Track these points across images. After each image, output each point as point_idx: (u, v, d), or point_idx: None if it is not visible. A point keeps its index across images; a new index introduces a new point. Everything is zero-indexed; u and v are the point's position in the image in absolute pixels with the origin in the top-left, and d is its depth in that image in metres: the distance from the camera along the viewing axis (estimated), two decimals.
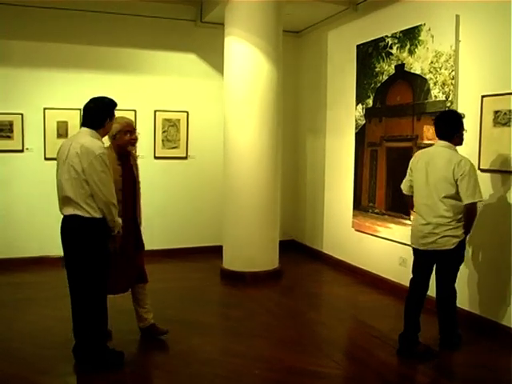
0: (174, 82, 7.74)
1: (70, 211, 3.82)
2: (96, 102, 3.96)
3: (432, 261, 4.38)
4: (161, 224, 7.53)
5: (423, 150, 4.57)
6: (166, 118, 7.72)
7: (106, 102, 3.98)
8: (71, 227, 3.85)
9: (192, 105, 7.87)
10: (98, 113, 3.93)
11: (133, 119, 7.46)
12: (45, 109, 7.11)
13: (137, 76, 7.57)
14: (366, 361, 4.35)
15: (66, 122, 7.22)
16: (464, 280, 5.02)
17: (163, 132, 7.72)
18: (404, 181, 4.68)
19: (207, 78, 7.81)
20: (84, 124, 3.94)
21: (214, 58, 7.47)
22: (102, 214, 3.83)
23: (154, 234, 6.85)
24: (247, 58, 6.43)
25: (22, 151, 7.10)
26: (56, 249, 6.99)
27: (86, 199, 3.77)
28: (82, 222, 3.80)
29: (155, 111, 7.67)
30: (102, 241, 3.92)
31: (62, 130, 7.19)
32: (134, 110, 7.49)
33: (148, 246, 6.81)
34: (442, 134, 4.35)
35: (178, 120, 7.76)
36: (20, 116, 7.02)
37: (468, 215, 4.21)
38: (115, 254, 4.11)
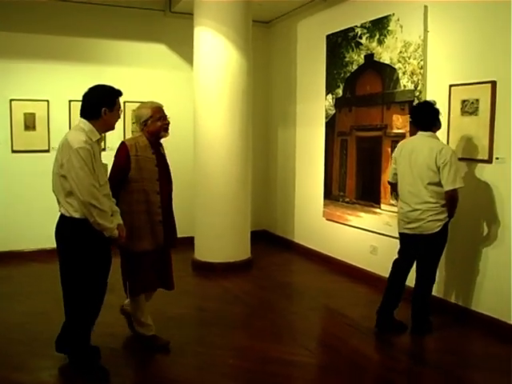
0: (144, 73, 7.65)
1: (60, 208, 3.63)
2: (92, 90, 3.65)
3: (417, 244, 4.52)
4: None
5: (406, 140, 4.75)
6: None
7: (103, 90, 3.65)
8: (57, 225, 3.66)
9: (162, 96, 7.68)
10: (92, 101, 3.59)
11: None
12: (11, 100, 6.97)
13: (105, 67, 7.43)
14: (339, 349, 4.39)
15: (33, 114, 7.09)
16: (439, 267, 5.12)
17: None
18: (389, 170, 4.84)
19: (177, 69, 7.74)
20: (81, 114, 3.64)
21: (184, 48, 7.41)
22: (82, 214, 3.50)
23: None
24: (217, 48, 6.40)
25: None
26: (29, 243, 7.03)
27: (66, 197, 3.51)
28: (62, 221, 3.61)
29: (125, 102, 7.55)
30: (84, 243, 3.57)
31: (30, 122, 7.06)
32: None
33: None
34: (423, 126, 4.51)
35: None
36: None
37: (450, 201, 4.35)
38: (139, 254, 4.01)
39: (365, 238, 6.12)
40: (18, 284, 6.06)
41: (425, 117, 4.51)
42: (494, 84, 4.52)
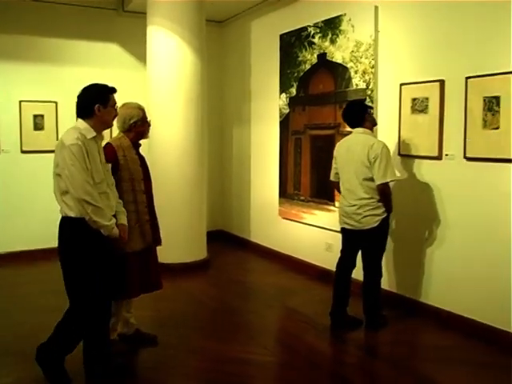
0: (97, 73, 7.45)
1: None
2: (84, 89, 3.63)
3: (357, 240, 4.59)
4: None
5: (344, 138, 4.79)
6: None
7: (95, 87, 3.63)
8: (58, 226, 3.57)
9: (115, 96, 7.69)
10: (85, 100, 3.57)
11: (54, 111, 7.26)
12: None
13: (58, 66, 7.30)
14: (296, 346, 4.43)
15: None
16: (388, 261, 5.21)
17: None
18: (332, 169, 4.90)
19: (130, 69, 7.64)
20: (76, 114, 3.62)
21: (137, 48, 7.30)
22: (78, 212, 3.44)
23: None
24: (170, 48, 6.36)
25: None
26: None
27: (63, 196, 3.47)
28: (61, 222, 3.55)
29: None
30: (82, 243, 3.49)
31: None
32: (56, 102, 7.26)
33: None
34: (352, 124, 4.63)
35: None
36: None
37: (381, 195, 4.41)
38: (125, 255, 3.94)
39: (320, 235, 6.18)
40: None
41: (351, 115, 4.62)
42: (442, 83, 4.63)
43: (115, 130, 4.43)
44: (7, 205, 7.09)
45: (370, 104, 5.21)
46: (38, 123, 7.20)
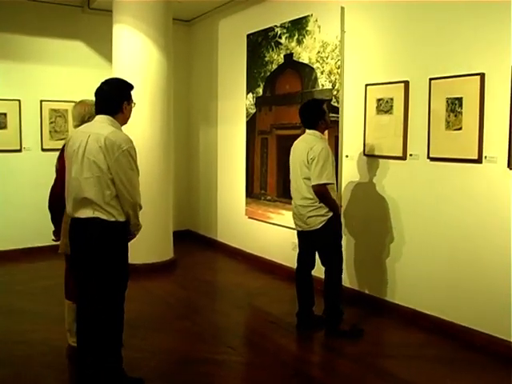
0: (61, 71, 7.42)
1: (87, 214, 3.27)
2: (110, 83, 3.47)
3: (309, 240, 4.60)
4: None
5: (298, 139, 4.71)
6: (53, 109, 7.41)
7: (121, 83, 3.51)
8: (90, 232, 3.29)
9: (81, 95, 7.54)
10: (114, 95, 3.41)
11: (17, 109, 7.14)
12: None
13: (20, 64, 7.17)
14: (262, 345, 4.43)
15: None
16: (351, 261, 5.26)
17: (51, 123, 7.42)
18: None
19: (96, 67, 7.52)
20: (99, 111, 3.40)
21: (103, 46, 7.25)
22: (126, 217, 3.35)
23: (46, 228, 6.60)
24: (136, 46, 6.30)
25: None
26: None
27: (111, 201, 3.26)
28: (104, 227, 3.27)
29: (41, 101, 7.35)
30: (124, 246, 3.45)
31: None
32: (19, 100, 7.14)
33: (38, 243, 6.58)
34: (306, 124, 4.58)
35: (66, 110, 7.44)
36: None
37: (318, 197, 4.36)
38: None
39: (287, 235, 6.18)
40: None
41: (306, 116, 4.56)
42: (406, 83, 4.70)
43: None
44: None
45: (335, 104, 5.25)
46: (1, 122, 7.06)
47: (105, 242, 3.31)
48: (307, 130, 4.55)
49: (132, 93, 3.56)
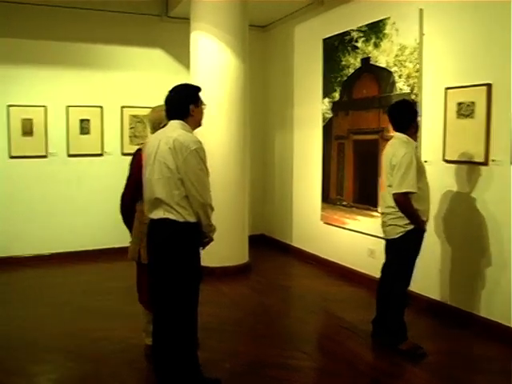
0: (141, 78, 7.66)
1: (159, 214, 3.37)
2: (175, 90, 3.57)
3: (386, 248, 4.46)
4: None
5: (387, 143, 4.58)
6: (133, 114, 7.65)
7: (185, 87, 3.60)
8: (161, 233, 3.39)
9: (159, 101, 7.74)
10: (180, 100, 3.51)
11: (99, 115, 7.42)
12: (9, 106, 6.97)
13: (103, 72, 7.49)
14: (336, 352, 4.38)
15: (31, 120, 7.08)
16: (436, 271, 5.12)
17: (130, 128, 7.66)
18: None
19: (174, 74, 7.70)
20: (170, 116, 3.53)
21: (181, 53, 7.41)
22: (197, 217, 3.38)
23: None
24: (213, 52, 6.40)
25: None
26: (20, 249, 7.03)
27: (180, 201, 3.32)
28: (174, 227, 3.34)
29: (122, 107, 7.60)
30: (195, 248, 3.50)
31: (27, 128, 7.05)
32: (101, 107, 7.44)
33: (118, 244, 6.77)
34: (396, 126, 4.33)
35: (146, 116, 7.62)
36: None
37: (397, 206, 4.14)
38: None
39: (362, 241, 6.12)
40: (14, 290, 6.05)
41: (397, 118, 4.32)
42: (489, 87, 4.53)
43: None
44: (52, 206, 7.29)
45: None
46: (85, 127, 7.36)
47: (174, 243, 3.37)
48: (395, 134, 4.32)
49: (200, 95, 3.60)
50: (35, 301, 5.61)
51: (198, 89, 3.60)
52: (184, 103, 3.49)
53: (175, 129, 3.42)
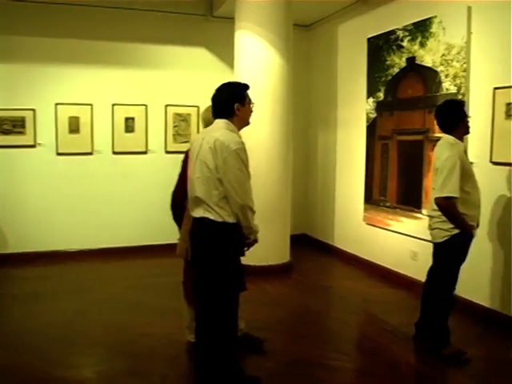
0: (185, 77, 7.74)
1: (199, 213, 3.39)
2: (221, 88, 3.54)
3: (433, 252, 4.34)
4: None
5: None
6: (177, 113, 7.74)
7: (230, 86, 3.58)
8: (200, 231, 3.42)
9: (203, 99, 7.78)
10: (224, 98, 3.48)
11: (144, 114, 7.52)
12: (56, 104, 7.14)
13: (148, 71, 7.60)
14: (377, 354, 4.35)
15: (77, 118, 7.25)
16: (487, 276, 5.02)
17: (174, 127, 7.74)
18: None
19: (218, 73, 7.74)
20: (215, 115, 3.51)
21: (225, 52, 7.45)
22: (236, 218, 3.35)
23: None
24: (258, 51, 6.42)
25: (34, 146, 7.12)
26: (65, 244, 7.20)
27: (219, 201, 3.31)
28: (212, 227, 3.34)
29: (166, 106, 7.69)
30: (234, 248, 3.45)
31: (74, 126, 7.22)
32: (145, 105, 7.55)
33: (160, 240, 6.87)
34: (443, 127, 4.22)
35: (189, 115, 7.76)
36: (32, 111, 7.05)
37: (440, 210, 4.03)
38: None
39: (405, 243, 6.04)
40: (58, 284, 6.18)
41: (445, 118, 4.19)
42: None
43: None
44: (96, 202, 7.45)
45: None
46: (129, 126, 7.48)
47: (213, 242, 3.38)
48: (443, 135, 4.20)
49: (248, 92, 3.58)
50: (79, 294, 5.73)
51: (244, 87, 3.57)
52: (228, 102, 3.47)
53: (219, 128, 3.42)
